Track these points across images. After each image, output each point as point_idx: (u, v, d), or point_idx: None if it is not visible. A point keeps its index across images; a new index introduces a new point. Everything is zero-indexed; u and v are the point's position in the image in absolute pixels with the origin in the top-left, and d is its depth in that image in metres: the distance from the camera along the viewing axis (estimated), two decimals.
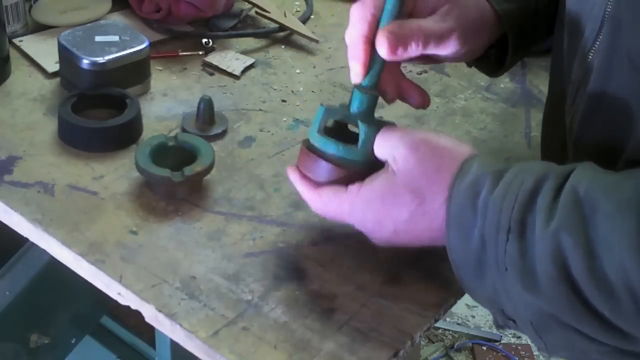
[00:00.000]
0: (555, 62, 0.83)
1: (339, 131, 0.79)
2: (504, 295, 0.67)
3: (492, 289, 0.67)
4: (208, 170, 0.88)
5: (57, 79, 1.04)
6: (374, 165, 0.74)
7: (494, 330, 2.09)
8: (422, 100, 0.83)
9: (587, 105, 0.73)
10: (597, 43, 0.71)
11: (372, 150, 0.75)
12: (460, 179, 0.68)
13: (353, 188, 0.73)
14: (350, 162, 0.76)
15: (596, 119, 0.72)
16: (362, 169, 0.75)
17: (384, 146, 0.73)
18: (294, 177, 0.78)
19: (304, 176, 0.77)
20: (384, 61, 0.76)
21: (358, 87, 0.77)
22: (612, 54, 0.69)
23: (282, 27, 1.16)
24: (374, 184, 0.72)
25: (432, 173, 0.70)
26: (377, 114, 0.89)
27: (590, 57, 0.72)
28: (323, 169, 0.76)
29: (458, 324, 2.12)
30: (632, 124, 0.68)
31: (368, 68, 0.76)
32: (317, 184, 0.76)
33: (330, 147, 0.76)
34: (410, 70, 1.09)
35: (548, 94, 0.86)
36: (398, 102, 1.04)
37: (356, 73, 0.77)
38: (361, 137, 0.75)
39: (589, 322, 0.63)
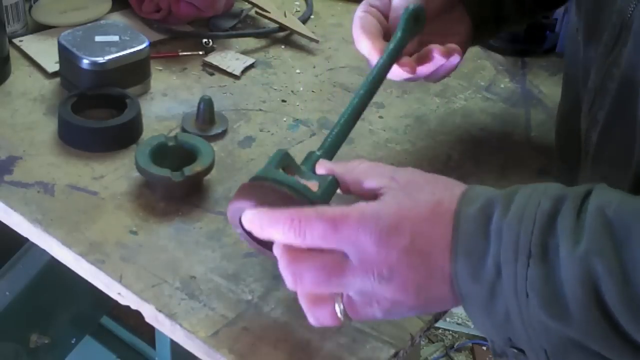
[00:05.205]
0: (569, 67, 0.82)
1: None
2: (519, 322, 0.63)
3: (504, 316, 0.64)
4: (208, 170, 0.88)
5: (57, 79, 1.04)
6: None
7: None
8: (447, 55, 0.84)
9: (609, 115, 0.71)
10: (615, 51, 0.69)
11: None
12: (467, 206, 0.64)
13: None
14: (307, 198, 0.68)
15: (617, 130, 0.70)
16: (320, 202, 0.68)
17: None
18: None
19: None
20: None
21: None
22: (633, 64, 0.67)
23: (282, 27, 1.16)
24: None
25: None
26: (377, 113, 0.89)
27: (609, 64, 0.70)
28: (285, 199, 0.67)
29: (458, 324, 2.12)
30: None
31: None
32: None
33: (290, 180, 0.68)
34: None
35: (561, 99, 0.85)
36: (398, 101, 1.05)
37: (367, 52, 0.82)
38: (324, 182, 0.69)
39: (620, 349, 0.60)
